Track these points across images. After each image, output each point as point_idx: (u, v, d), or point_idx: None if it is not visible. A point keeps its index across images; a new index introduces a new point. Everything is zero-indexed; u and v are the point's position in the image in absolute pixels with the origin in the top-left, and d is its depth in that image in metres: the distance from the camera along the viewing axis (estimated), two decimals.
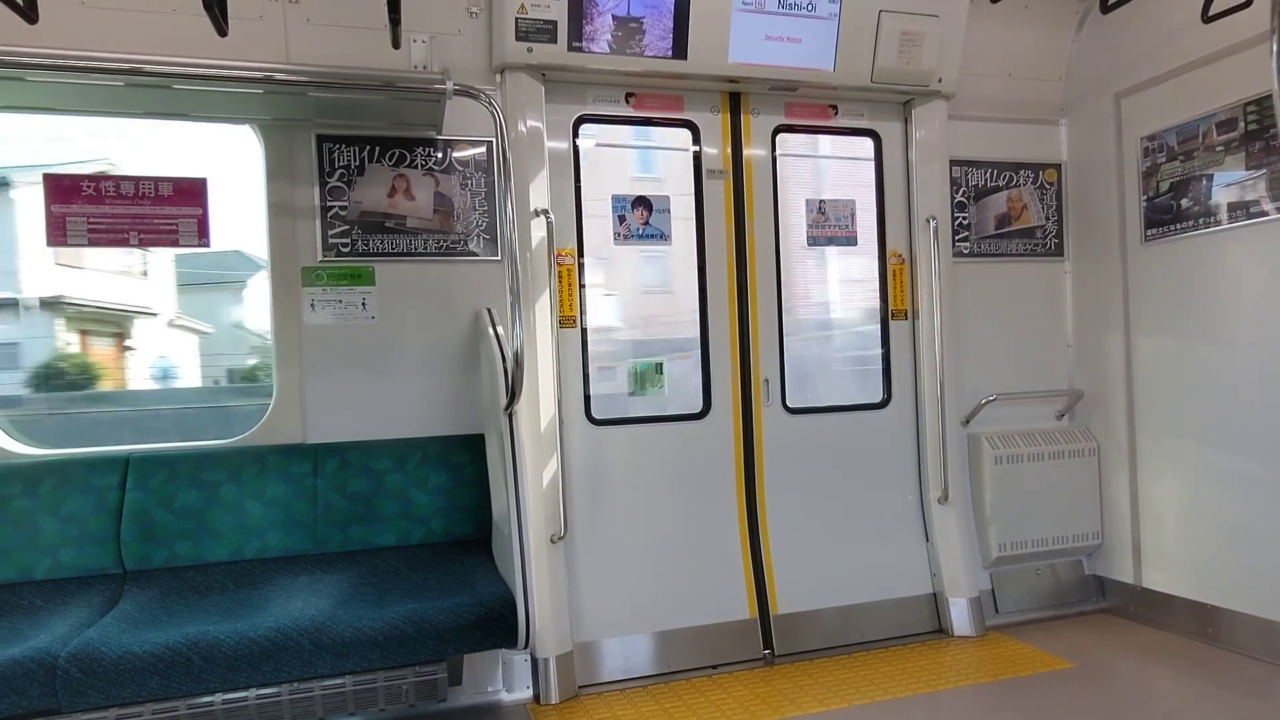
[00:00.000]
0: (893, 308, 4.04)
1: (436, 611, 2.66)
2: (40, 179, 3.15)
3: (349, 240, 3.36)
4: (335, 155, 3.33)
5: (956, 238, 4.10)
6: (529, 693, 3.28)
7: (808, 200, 3.95)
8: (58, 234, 3.12)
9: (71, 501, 3.02)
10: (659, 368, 3.77)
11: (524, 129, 3.42)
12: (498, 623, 2.73)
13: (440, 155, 3.45)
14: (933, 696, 3.21)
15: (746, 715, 3.09)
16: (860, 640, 3.76)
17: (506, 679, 3.27)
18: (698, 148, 3.77)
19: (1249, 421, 3.45)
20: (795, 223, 3.94)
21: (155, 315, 12.70)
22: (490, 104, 2.89)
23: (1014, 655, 3.58)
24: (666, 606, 3.57)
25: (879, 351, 4.05)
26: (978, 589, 3.92)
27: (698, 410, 3.76)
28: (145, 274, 12.68)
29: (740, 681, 3.41)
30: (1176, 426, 3.78)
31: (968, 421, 4.08)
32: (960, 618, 3.85)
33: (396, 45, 3.09)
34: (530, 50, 3.34)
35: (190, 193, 3.23)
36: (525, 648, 2.89)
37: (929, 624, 3.90)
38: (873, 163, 4.03)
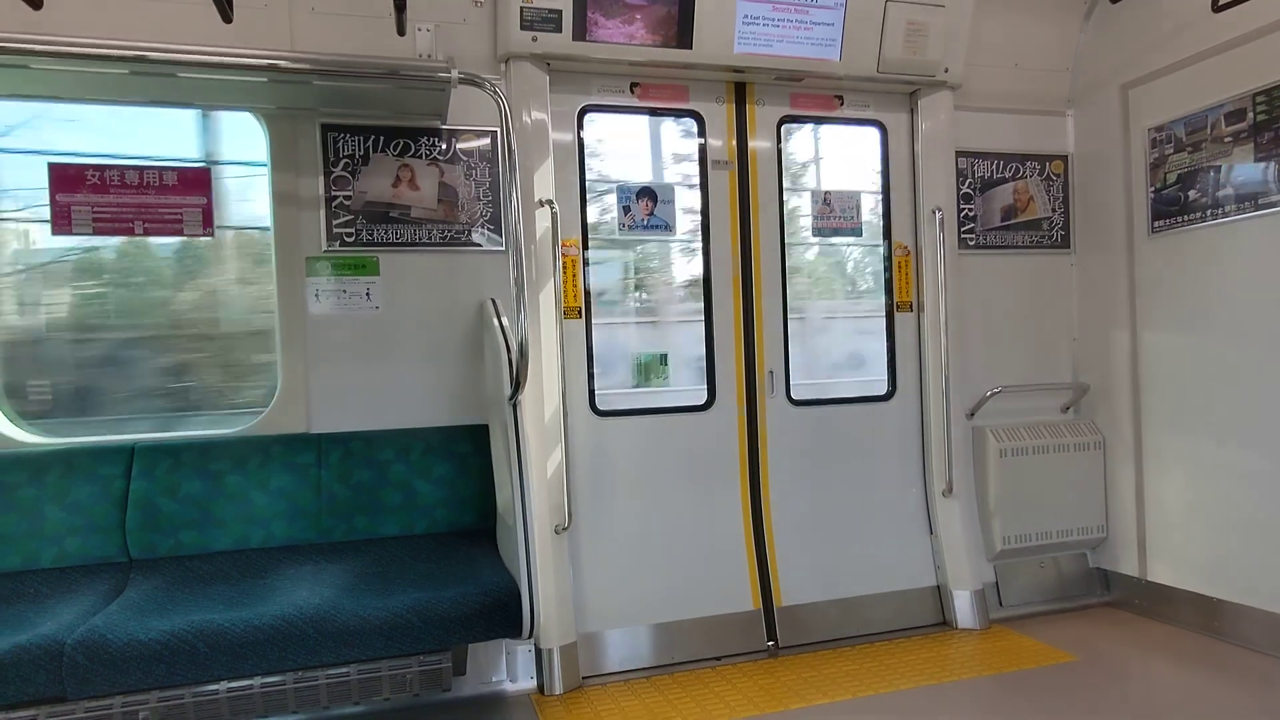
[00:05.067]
0: (898, 300, 4.03)
1: (441, 601, 2.66)
2: None
3: (353, 230, 3.35)
4: (340, 144, 3.32)
5: (962, 229, 4.09)
6: (533, 683, 3.28)
7: (813, 191, 3.94)
8: (63, 223, 3.12)
9: (77, 490, 3.02)
10: (663, 359, 3.76)
11: (528, 118, 3.40)
12: (502, 613, 2.73)
13: (445, 145, 3.44)
14: (936, 689, 3.21)
15: (750, 707, 3.09)
16: (864, 632, 3.76)
17: (510, 669, 3.28)
18: (703, 139, 3.76)
19: (1256, 415, 3.44)
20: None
21: None
22: (495, 93, 2.88)
23: (1017, 648, 3.58)
24: (670, 598, 3.57)
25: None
26: (981, 582, 3.92)
27: (702, 402, 3.76)
28: None
29: (744, 673, 3.41)
30: (1182, 420, 3.77)
31: (972, 414, 4.07)
32: (964, 610, 3.85)
33: (401, 33, 3.08)
34: (535, 39, 3.33)
35: (195, 182, 3.22)
36: (529, 638, 2.89)
37: (933, 616, 3.90)
38: (879, 153, 4.02)
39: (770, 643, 3.64)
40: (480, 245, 3.49)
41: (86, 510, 3.01)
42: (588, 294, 3.60)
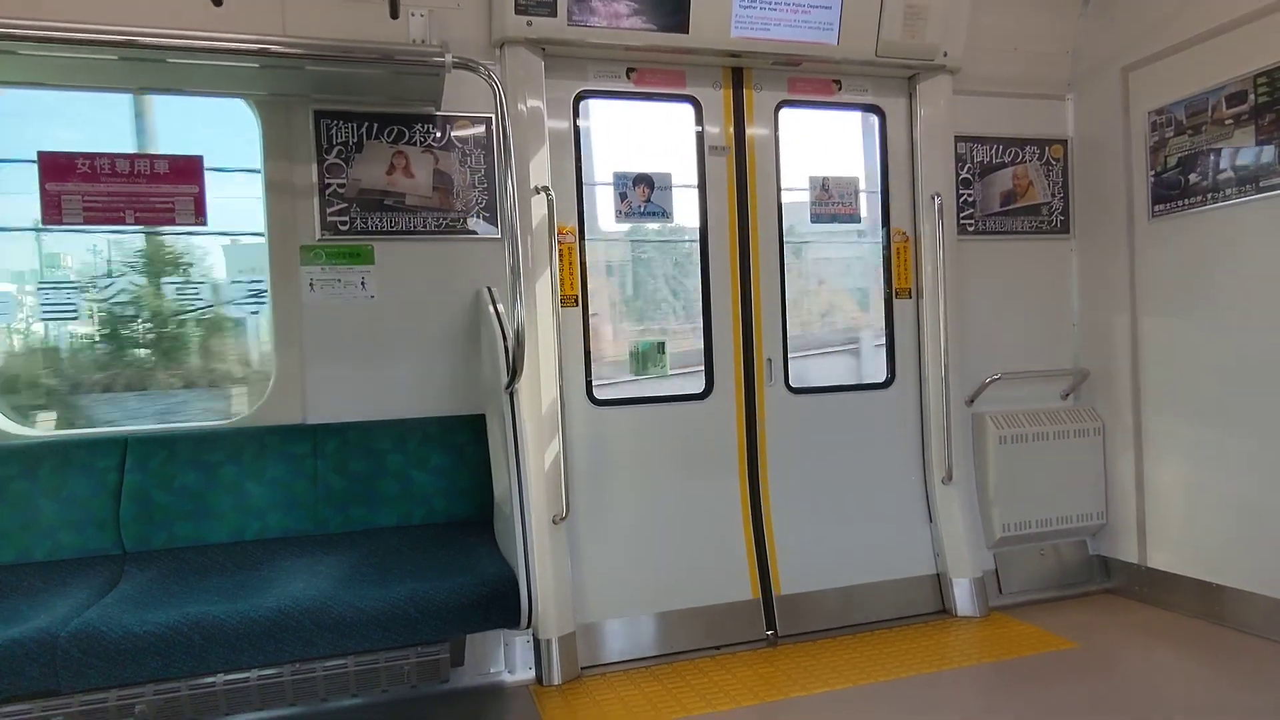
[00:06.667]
0: (896, 286, 4.00)
1: (438, 591, 2.64)
2: None
3: (348, 218, 3.32)
4: (333, 131, 3.29)
5: (961, 215, 4.06)
6: (531, 673, 3.27)
7: (811, 177, 3.91)
8: (53, 213, 3.08)
9: (71, 483, 3.00)
10: (660, 347, 3.74)
11: (524, 104, 3.37)
12: (500, 603, 2.71)
13: (439, 132, 3.40)
14: (935, 676, 3.20)
15: (750, 695, 3.08)
16: (863, 621, 3.75)
17: (509, 660, 3.26)
18: (700, 125, 3.72)
19: (1256, 400, 3.42)
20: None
21: None
22: (490, 78, 2.84)
23: (1017, 635, 3.57)
24: (669, 587, 3.56)
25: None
26: (981, 569, 3.91)
27: (700, 390, 3.73)
28: None
29: (743, 662, 3.40)
30: (1182, 405, 3.75)
31: (972, 401, 4.05)
32: (963, 598, 3.84)
33: (394, 15, 3.03)
34: (530, 24, 3.29)
35: (186, 171, 3.19)
36: (527, 628, 2.87)
37: (932, 604, 3.89)
38: (877, 139, 3.99)
39: (769, 632, 3.63)
40: (476, 233, 3.45)
41: (80, 503, 2.99)
42: (584, 282, 3.57)
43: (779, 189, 3.83)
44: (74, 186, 3.07)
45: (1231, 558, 3.55)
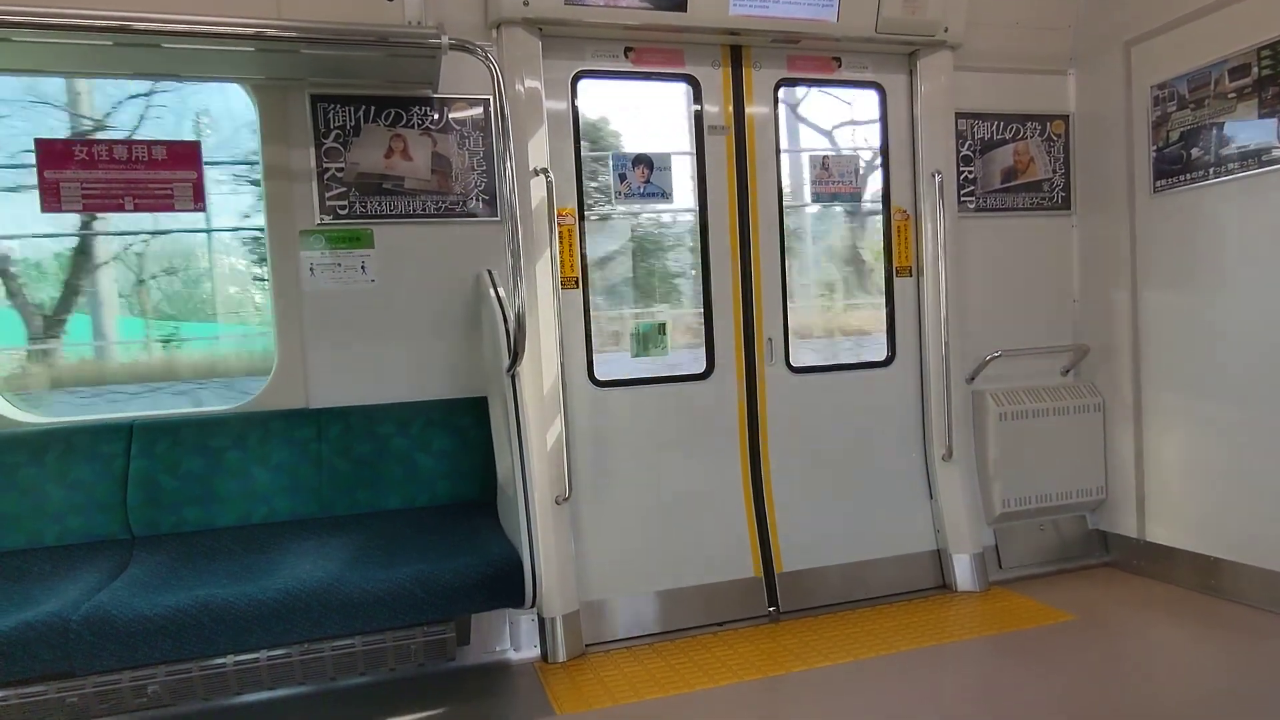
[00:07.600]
0: (897, 264, 4.00)
1: (444, 572, 2.68)
2: None
3: (346, 203, 3.31)
4: (330, 115, 3.27)
5: (962, 192, 4.04)
6: (537, 651, 3.31)
7: (811, 156, 3.89)
8: (51, 199, 3.08)
9: (78, 469, 3.03)
10: (661, 328, 3.75)
11: (521, 85, 3.35)
12: (504, 583, 2.75)
13: (437, 115, 3.39)
14: (936, 649, 3.24)
15: (752, 670, 3.12)
16: (864, 596, 3.79)
17: (514, 638, 3.31)
18: (698, 104, 3.70)
19: (1255, 375, 3.43)
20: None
21: None
22: (487, 59, 2.83)
23: (1017, 609, 3.61)
24: (672, 566, 3.59)
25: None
26: (981, 545, 3.94)
27: (701, 370, 3.75)
28: None
29: (745, 638, 3.44)
30: (1182, 381, 3.76)
31: (972, 378, 4.06)
32: (964, 573, 3.87)
33: None
34: (527, 3, 3.26)
35: (184, 156, 3.18)
36: (532, 607, 2.92)
37: (933, 580, 3.93)
38: (877, 116, 3.96)
39: (771, 608, 3.67)
40: (475, 216, 3.45)
41: (88, 488, 3.02)
42: (584, 264, 3.57)
43: (779, 167, 3.82)
44: (72, 174, 3.07)
45: (1229, 531, 3.57)
